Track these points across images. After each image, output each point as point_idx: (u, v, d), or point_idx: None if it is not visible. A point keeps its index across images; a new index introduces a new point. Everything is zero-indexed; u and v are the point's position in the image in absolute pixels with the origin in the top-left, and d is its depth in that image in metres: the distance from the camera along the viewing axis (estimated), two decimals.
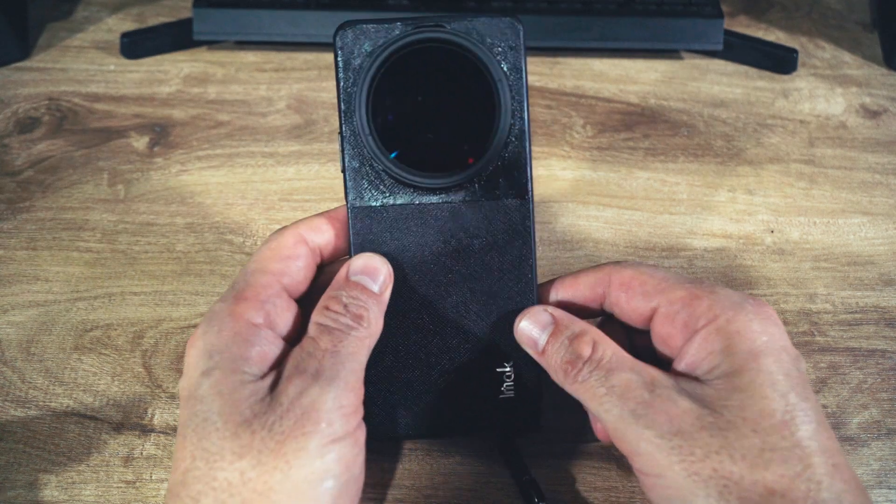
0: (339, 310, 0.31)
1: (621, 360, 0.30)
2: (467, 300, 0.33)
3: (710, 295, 0.31)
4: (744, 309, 0.30)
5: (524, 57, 0.33)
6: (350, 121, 0.33)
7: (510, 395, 0.34)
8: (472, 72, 0.33)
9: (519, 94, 0.33)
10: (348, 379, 0.29)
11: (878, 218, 0.48)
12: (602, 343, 0.31)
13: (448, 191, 0.33)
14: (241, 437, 0.27)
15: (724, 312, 0.30)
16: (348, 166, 0.33)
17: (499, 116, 0.32)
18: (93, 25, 0.61)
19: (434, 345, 0.34)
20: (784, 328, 0.30)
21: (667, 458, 0.27)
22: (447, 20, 0.32)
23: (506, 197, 0.33)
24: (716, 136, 0.53)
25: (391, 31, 0.32)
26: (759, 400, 0.28)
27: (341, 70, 0.33)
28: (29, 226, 0.46)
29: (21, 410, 0.37)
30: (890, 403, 0.38)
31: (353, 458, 0.29)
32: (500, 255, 0.33)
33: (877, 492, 0.35)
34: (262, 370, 0.30)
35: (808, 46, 0.61)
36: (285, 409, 0.28)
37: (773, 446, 0.27)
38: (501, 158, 0.33)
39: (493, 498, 0.35)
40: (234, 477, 0.27)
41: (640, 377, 0.29)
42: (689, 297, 0.31)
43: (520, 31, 0.33)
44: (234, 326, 0.30)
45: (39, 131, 0.52)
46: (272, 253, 0.32)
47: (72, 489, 0.35)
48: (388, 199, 0.33)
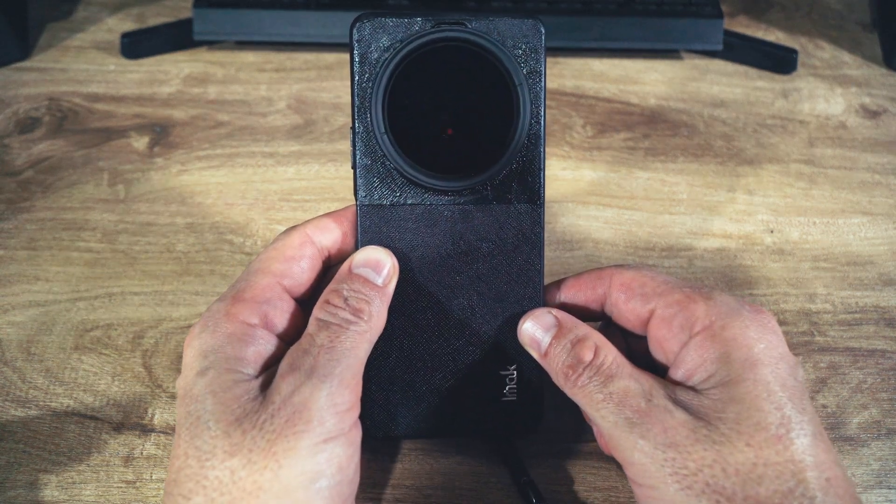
0: (339, 304, 0.30)
1: (621, 367, 0.30)
2: (473, 303, 0.33)
3: (707, 299, 0.30)
4: (740, 315, 0.30)
5: (544, 60, 0.32)
6: (364, 117, 0.32)
7: (512, 398, 0.34)
8: (490, 73, 0.32)
9: (537, 98, 0.32)
10: (344, 376, 0.29)
11: (877, 218, 0.48)
12: (604, 348, 0.31)
13: (459, 193, 0.32)
14: (232, 436, 0.27)
15: (720, 318, 0.30)
16: (359, 163, 0.32)
17: (517, 120, 0.32)
18: (93, 25, 0.61)
19: (438, 345, 0.33)
20: (782, 335, 0.30)
21: (660, 470, 0.27)
22: (468, 18, 0.31)
23: (517, 201, 0.33)
24: (716, 136, 0.53)
25: (411, 27, 0.31)
26: (754, 412, 0.27)
27: (357, 64, 0.32)
28: (29, 226, 0.46)
29: (21, 410, 0.37)
30: (890, 403, 0.38)
31: (346, 458, 0.28)
32: (509, 259, 0.33)
33: (877, 492, 0.35)
34: (256, 370, 0.30)
35: (807, 46, 0.61)
36: (277, 407, 0.27)
37: (767, 461, 0.27)
38: (516, 163, 0.32)
39: (493, 498, 0.35)
40: (225, 476, 0.27)
41: (639, 385, 0.29)
42: (685, 301, 0.31)
43: (542, 34, 0.32)
44: (228, 327, 0.30)
45: (40, 131, 0.52)
46: (276, 253, 0.32)
47: (72, 489, 0.35)
48: (399, 199, 0.32)
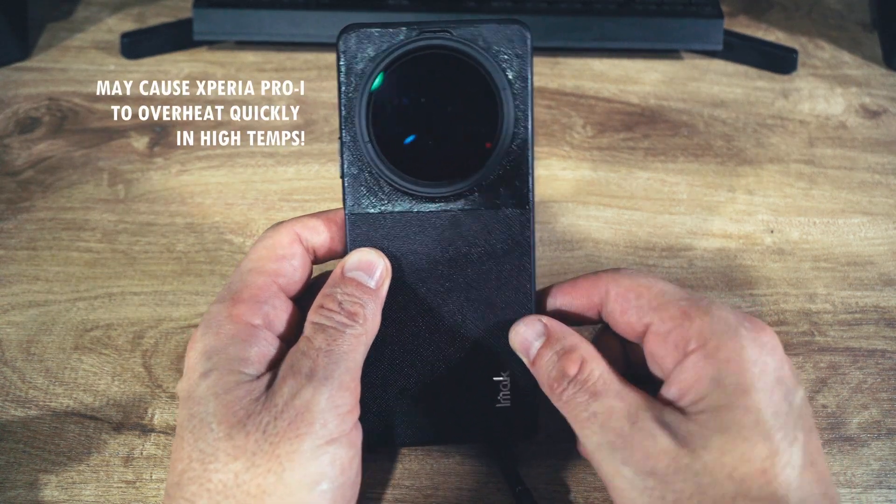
0: (334, 308, 0.30)
1: (607, 384, 0.29)
2: (465, 309, 0.33)
3: (704, 316, 0.29)
4: (737, 334, 0.28)
5: (531, 65, 0.32)
6: (350, 127, 0.32)
7: (506, 404, 0.34)
8: (476, 79, 0.32)
9: (523, 103, 0.32)
10: (343, 378, 0.29)
11: (878, 218, 0.48)
12: (591, 362, 0.30)
13: (447, 199, 0.32)
14: (236, 439, 0.27)
15: (716, 336, 0.28)
16: (347, 172, 0.32)
17: (501, 126, 0.32)
18: (93, 25, 0.61)
19: (430, 353, 0.33)
20: (782, 353, 0.29)
21: (639, 496, 0.27)
22: (453, 25, 0.31)
23: (506, 206, 0.33)
24: (716, 136, 0.53)
25: (395, 36, 0.32)
26: (740, 443, 0.26)
27: (343, 75, 0.32)
28: (29, 226, 0.46)
29: (21, 410, 0.37)
30: (890, 403, 0.38)
31: (348, 460, 0.29)
32: (499, 264, 0.33)
33: (877, 492, 0.35)
34: (260, 370, 0.29)
35: (808, 46, 0.61)
36: (280, 409, 0.28)
37: (748, 494, 0.26)
38: (503, 168, 0.32)
39: (493, 498, 0.35)
40: (229, 478, 0.27)
41: (625, 405, 0.28)
42: (681, 317, 0.29)
43: (527, 39, 0.32)
44: (232, 328, 0.30)
45: (39, 131, 0.52)
46: (267, 252, 0.32)
47: (72, 489, 0.35)
48: (387, 207, 0.32)
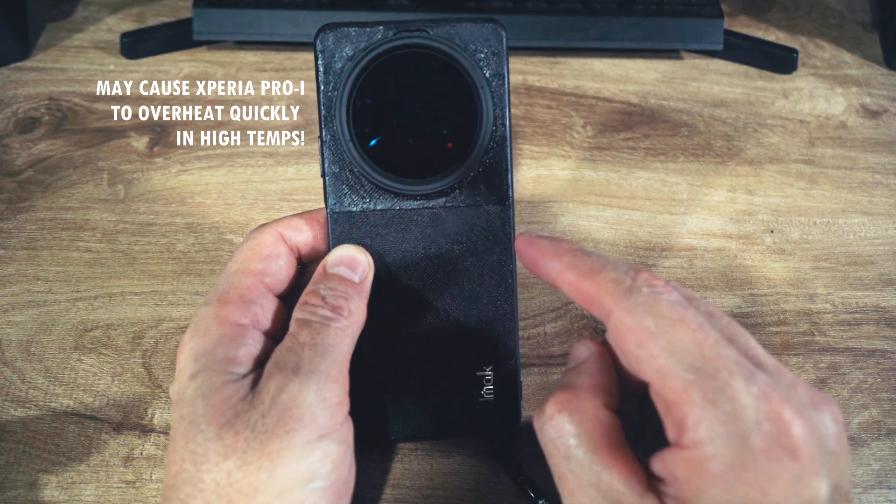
0: (318, 303, 0.30)
1: (580, 446, 0.26)
2: (447, 305, 0.33)
3: (709, 408, 0.23)
4: (746, 445, 0.23)
5: (507, 62, 0.33)
6: (330, 126, 0.32)
7: (490, 398, 0.34)
8: (454, 77, 0.33)
9: (501, 100, 0.32)
10: (330, 371, 0.29)
11: (878, 218, 0.48)
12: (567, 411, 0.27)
13: (428, 196, 0.33)
14: (225, 438, 0.27)
15: (714, 445, 0.23)
16: (328, 171, 0.33)
17: (480, 123, 0.32)
18: (93, 25, 0.61)
19: (414, 349, 0.34)
20: (812, 457, 0.23)
21: None
22: (430, 25, 0.32)
23: (486, 203, 0.33)
24: (716, 136, 0.53)
25: (373, 35, 0.32)
26: None
27: (322, 74, 0.32)
28: (29, 226, 0.46)
29: (21, 410, 0.37)
30: (890, 403, 0.38)
31: (340, 456, 0.28)
32: (481, 260, 0.33)
33: (877, 492, 0.35)
34: (248, 369, 0.30)
35: (808, 46, 0.61)
36: (267, 406, 0.27)
37: None
38: (482, 165, 0.33)
39: (493, 498, 0.35)
40: (221, 478, 0.27)
41: (597, 491, 0.25)
42: (679, 401, 0.24)
43: (503, 37, 0.32)
44: (220, 329, 0.30)
45: (39, 131, 0.52)
46: (252, 253, 0.32)
47: (72, 489, 0.35)
48: (368, 205, 0.33)
